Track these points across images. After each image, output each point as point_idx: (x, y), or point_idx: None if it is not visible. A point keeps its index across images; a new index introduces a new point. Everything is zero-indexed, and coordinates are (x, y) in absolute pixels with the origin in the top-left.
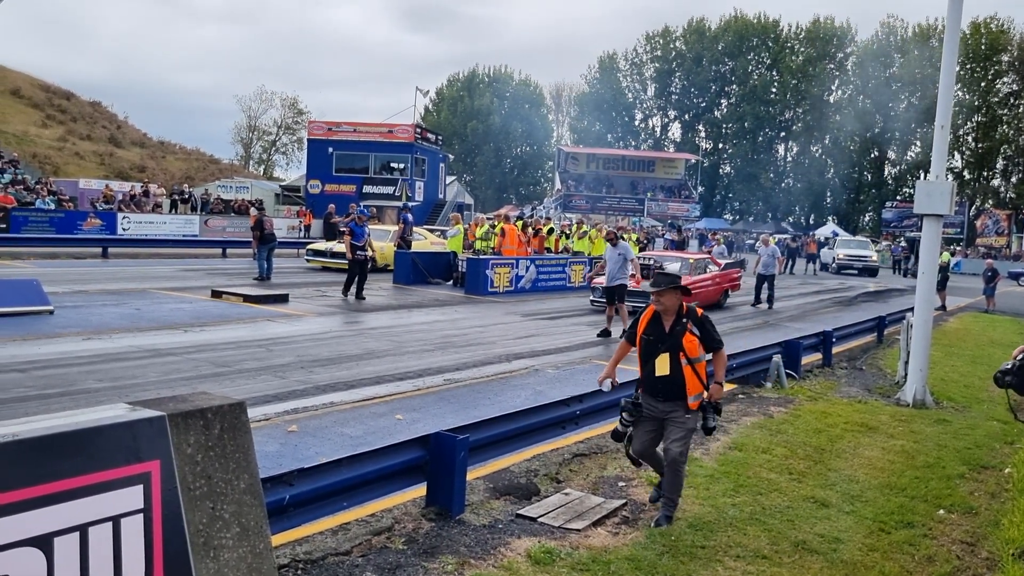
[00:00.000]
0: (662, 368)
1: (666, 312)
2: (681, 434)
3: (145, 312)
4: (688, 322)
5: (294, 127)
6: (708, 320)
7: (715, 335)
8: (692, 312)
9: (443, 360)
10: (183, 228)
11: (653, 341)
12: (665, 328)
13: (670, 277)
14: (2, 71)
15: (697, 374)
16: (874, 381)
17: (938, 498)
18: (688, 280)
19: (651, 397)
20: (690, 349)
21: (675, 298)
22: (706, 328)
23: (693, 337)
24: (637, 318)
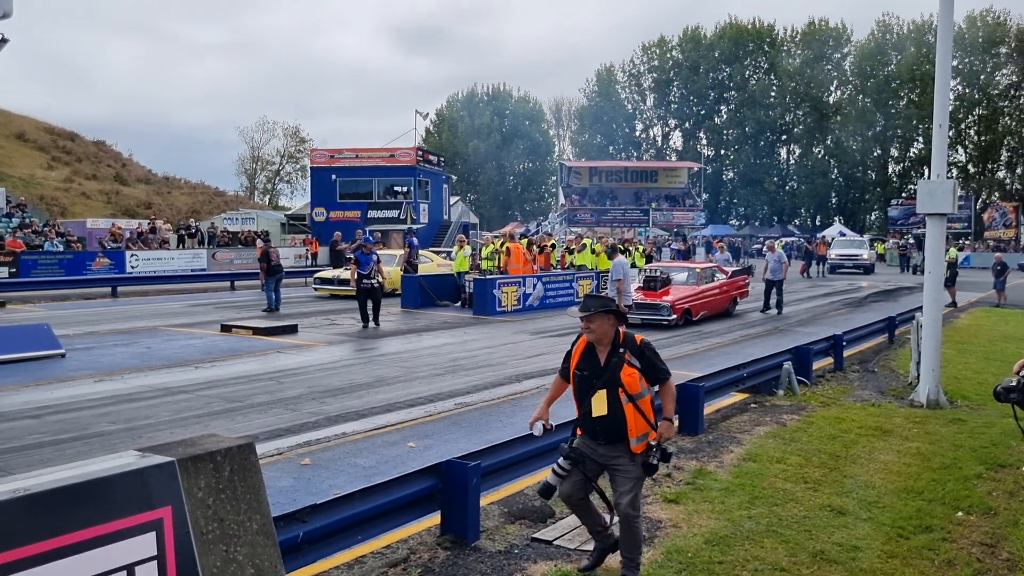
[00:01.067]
0: (599, 407)
1: (599, 342)
2: (628, 485)
3: (156, 350)
4: (626, 352)
5: (297, 155)
6: (649, 348)
7: (659, 364)
8: (630, 340)
9: (453, 384)
10: (191, 262)
11: (587, 376)
12: (600, 361)
13: (601, 300)
14: (6, 115)
15: (641, 412)
16: (887, 383)
17: (956, 500)
18: (695, 289)
19: (590, 440)
20: (629, 383)
21: (608, 324)
22: (647, 357)
23: (632, 369)
24: (569, 350)
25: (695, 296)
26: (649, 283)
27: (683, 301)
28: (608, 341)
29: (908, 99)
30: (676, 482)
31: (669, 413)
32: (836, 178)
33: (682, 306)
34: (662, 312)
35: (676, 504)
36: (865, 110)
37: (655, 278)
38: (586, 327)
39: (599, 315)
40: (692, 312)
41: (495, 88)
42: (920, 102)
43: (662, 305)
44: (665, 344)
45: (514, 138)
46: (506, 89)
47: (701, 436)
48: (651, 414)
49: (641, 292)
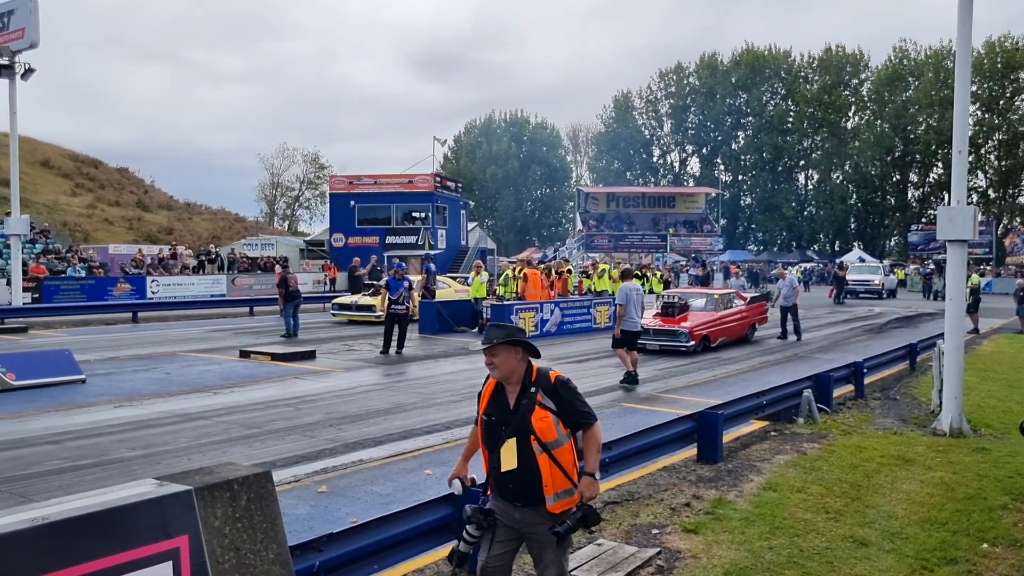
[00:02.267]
0: (508, 459)
1: (507, 380)
2: (550, 557)
3: (175, 376)
4: (538, 392)
5: (316, 181)
6: (567, 386)
7: (579, 405)
8: (544, 378)
9: (471, 410)
10: (211, 288)
11: (495, 422)
12: (509, 403)
13: (505, 329)
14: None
15: (558, 465)
16: (909, 411)
17: (981, 531)
18: (714, 315)
19: (503, 500)
20: (542, 430)
21: (514, 359)
22: (563, 397)
23: (545, 413)
24: (480, 391)
25: (713, 322)
26: (667, 309)
27: (701, 327)
28: (517, 379)
29: (927, 124)
30: (695, 512)
31: (591, 467)
32: (855, 203)
33: (700, 332)
34: (680, 338)
35: (695, 534)
36: (883, 135)
37: (673, 304)
38: (489, 362)
39: (503, 347)
40: (711, 338)
41: (512, 114)
42: (939, 127)
43: (680, 331)
44: (683, 371)
45: (531, 164)
46: (523, 115)
47: (720, 465)
48: (573, 467)
49: (659, 318)
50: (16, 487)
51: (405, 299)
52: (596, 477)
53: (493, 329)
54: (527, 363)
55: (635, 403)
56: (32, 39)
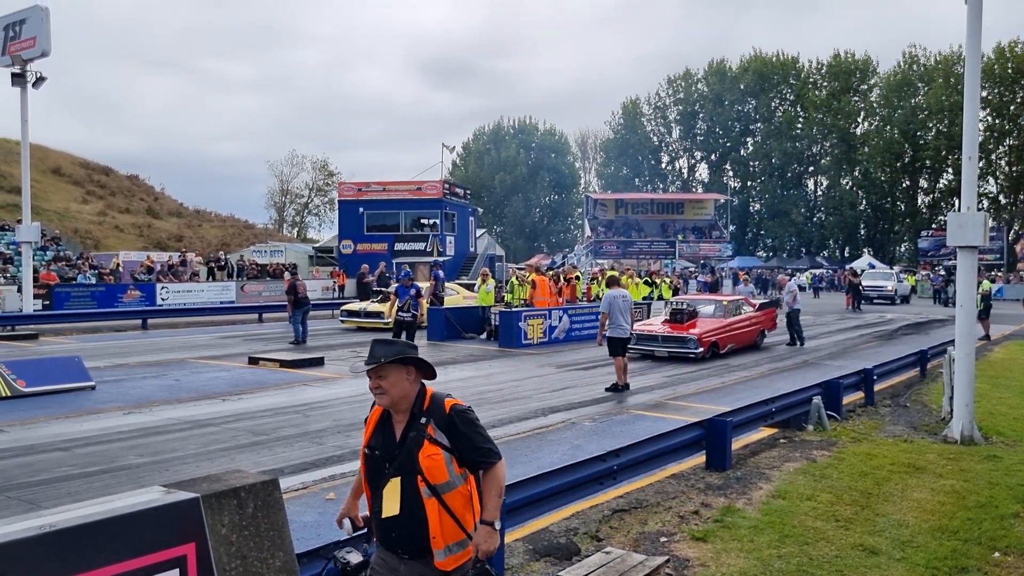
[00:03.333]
0: (390, 503)
1: (395, 407)
2: None
3: (184, 383)
4: (429, 424)
5: (325, 188)
6: (464, 416)
7: (478, 441)
8: (437, 406)
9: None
10: (220, 295)
11: (379, 458)
12: (396, 435)
13: (393, 346)
14: (43, 151)
15: (450, 512)
16: (919, 418)
17: (992, 540)
18: (723, 322)
19: (386, 551)
20: (431, 469)
21: (405, 381)
22: (459, 431)
23: (436, 449)
24: (365, 419)
25: (722, 329)
26: (676, 316)
27: (710, 334)
28: (407, 406)
29: (937, 130)
30: (704, 519)
31: (490, 515)
32: (864, 209)
33: (709, 339)
34: (689, 345)
35: (704, 542)
36: (893, 141)
37: (682, 311)
38: (375, 386)
39: (392, 367)
40: (719, 345)
41: (521, 121)
42: (949, 133)
43: (689, 338)
44: (691, 377)
45: (540, 171)
46: (532, 122)
47: (729, 472)
48: (468, 514)
49: (668, 325)
50: (25, 494)
51: (411, 306)
52: (496, 527)
53: (380, 346)
54: (420, 387)
55: (643, 410)
56: (43, 48)
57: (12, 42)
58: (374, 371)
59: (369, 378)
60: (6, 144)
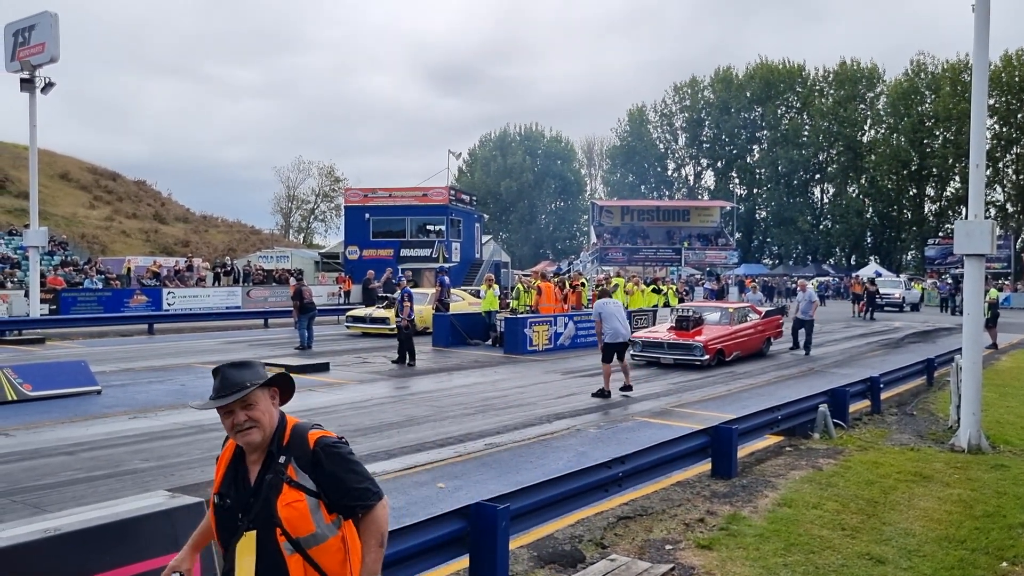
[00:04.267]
0: (245, 563)
1: (249, 447)
2: None
3: (189, 388)
4: (289, 464)
5: (331, 194)
6: (333, 452)
7: (351, 481)
8: (298, 440)
9: (484, 424)
10: (226, 300)
11: (230, 508)
12: (250, 479)
13: (252, 367)
14: (51, 156)
15: (319, 570)
16: (926, 427)
17: (1000, 549)
18: (728, 330)
19: None
20: (292, 519)
21: (271, 408)
22: (326, 471)
23: (298, 495)
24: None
25: (728, 336)
26: (681, 323)
27: (716, 341)
28: (261, 443)
29: (944, 138)
30: (709, 527)
31: (370, 571)
32: (871, 217)
33: (715, 346)
34: (695, 352)
35: (709, 550)
36: (900, 149)
37: (688, 318)
38: (243, 422)
39: (259, 393)
40: (725, 352)
41: (527, 128)
42: (956, 141)
43: (695, 345)
44: (697, 385)
45: (546, 177)
46: (538, 129)
47: (735, 480)
48: (344, 572)
49: (674, 332)
50: (30, 497)
51: (399, 311)
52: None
53: (237, 371)
54: (275, 413)
55: (649, 417)
56: (52, 53)
57: (21, 48)
58: (240, 402)
59: (227, 415)
60: (14, 149)
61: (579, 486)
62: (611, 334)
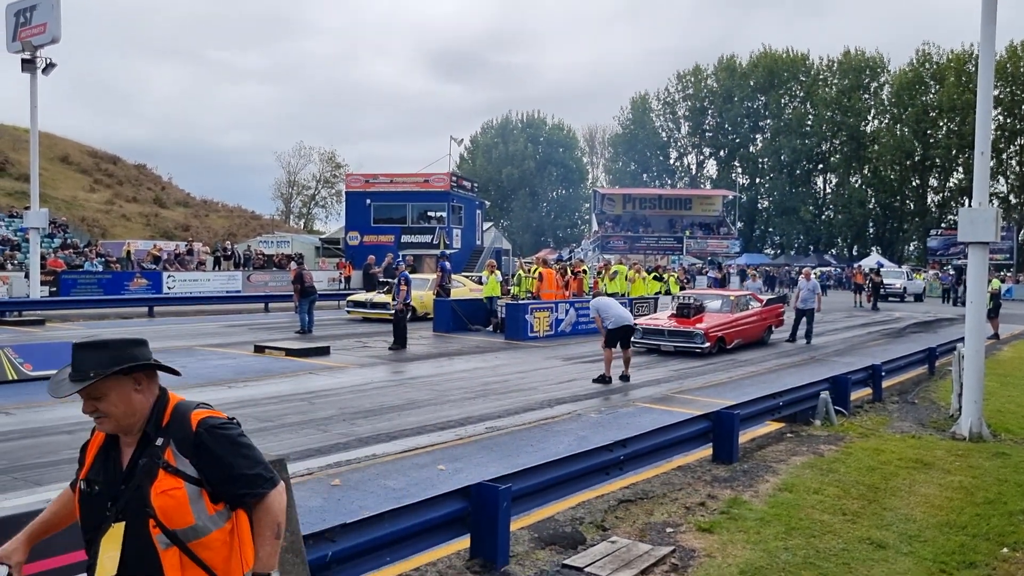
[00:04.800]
0: (108, 559)
1: (124, 429)
2: None
3: (190, 369)
4: (167, 447)
5: (332, 180)
6: (220, 433)
7: (239, 466)
8: (180, 421)
9: (484, 408)
10: (226, 284)
11: (98, 495)
12: (123, 462)
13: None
14: (51, 139)
15: (204, 567)
16: (927, 415)
17: (1001, 535)
18: (730, 317)
19: None
20: (168, 509)
21: (133, 394)
22: (211, 454)
23: (176, 481)
24: (84, 445)
25: (729, 324)
26: (683, 310)
27: (717, 329)
28: (134, 424)
29: (947, 129)
30: (710, 511)
31: (265, 566)
32: (874, 207)
33: (716, 334)
34: (695, 340)
35: (710, 533)
36: (903, 139)
37: (689, 305)
38: (91, 411)
39: (111, 381)
40: (726, 340)
41: (529, 115)
42: (960, 132)
43: (696, 333)
44: (699, 372)
45: (548, 165)
46: (540, 116)
47: (736, 465)
48: (233, 568)
49: (674, 319)
50: (31, 474)
51: (395, 296)
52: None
53: (87, 353)
54: (160, 396)
55: (650, 403)
56: (54, 34)
57: (23, 28)
58: (86, 391)
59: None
60: (14, 132)
61: (580, 468)
62: (615, 320)
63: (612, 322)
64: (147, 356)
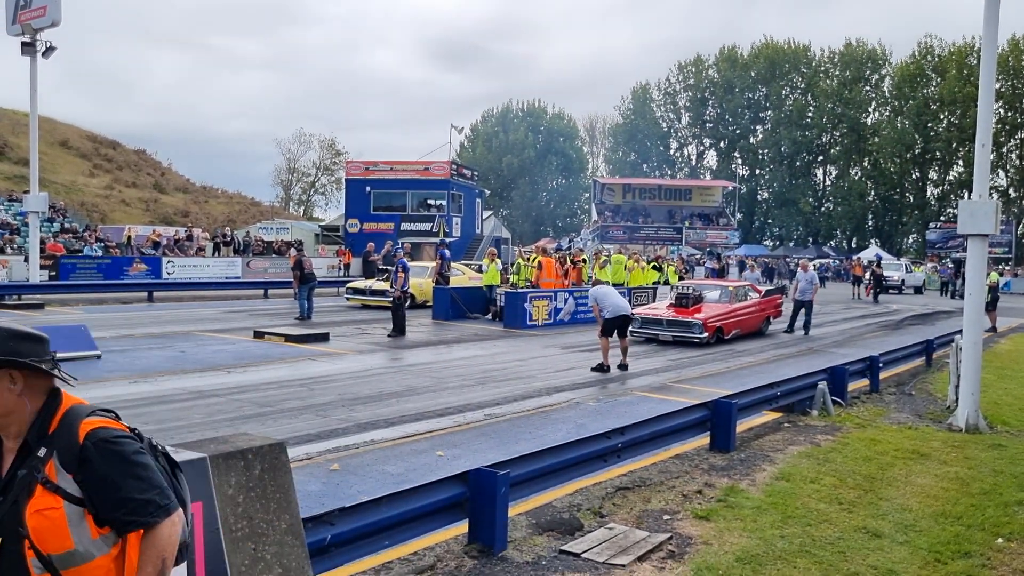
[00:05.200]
0: None
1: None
2: None
3: (189, 354)
4: (50, 459)
5: (332, 168)
6: (110, 449)
7: (127, 488)
8: (67, 430)
9: (483, 395)
10: (226, 270)
11: None
12: (1, 473)
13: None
14: (51, 123)
15: None
16: (924, 406)
17: (996, 526)
18: (728, 308)
19: None
20: (43, 531)
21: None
22: (96, 471)
23: (53, 500)
24: None
25: (727, 314)
26: (681, 300)
27: (715, 319)
28: (19, 429)
29: (948, 122)
30: (707, 499)
31: None
32: (873, 200)
33: (714, 324)
34: (693, 330)
35: (707, 521)
36: (904, 132)
37: (687, 295)
38: None
39: None
40: (724, 331)
41: (530, 104)
42: (961, 125)
43: (694, 323)
44: (697, 362)
45: (548, 154)
46: (541, 105)
47: (733, 454)
48: None
49: (673, 309)
50: None
51: (393, 283)
52: None
53: None
54: (49, 398)
55: (648, 392)
56: (54, 17)
57: (23, 11)
58: None
59: None
60: (13, 116)
61: (578, 456)
62: (612, 309)
63: (609, 311)
64: (34, 353)
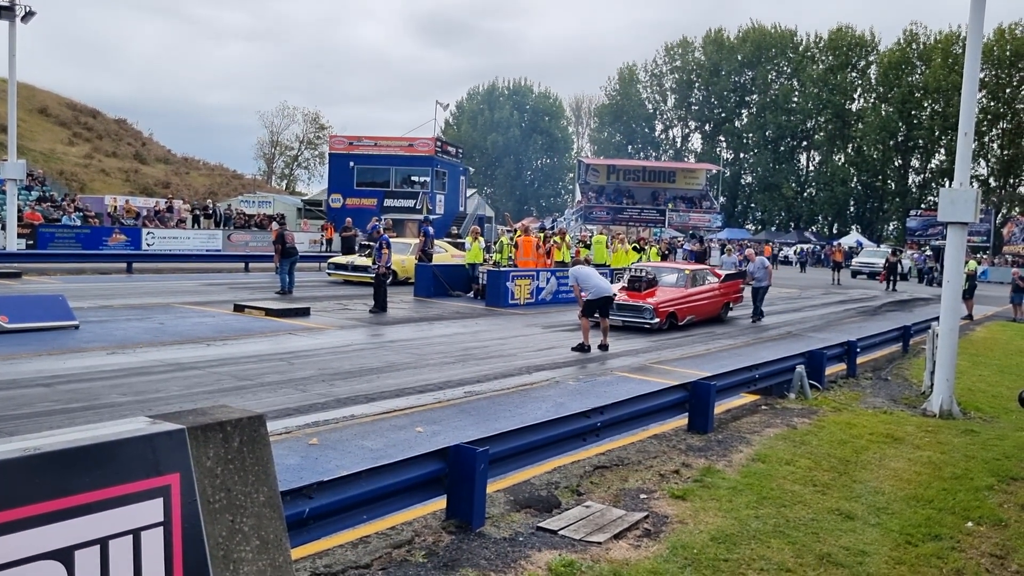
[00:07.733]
0: None
1: None
2: None
3: (168, 326)
4: None
5: (316, 142)
6: None
7: None
8: None
9: (464, 372)
10: (206, 243)
11: None
12: None
13: None
14: (30, 90)
15: None
16: (900, 391)
17: (966, 510)
18: (683, 292)
19: None
20: None
21: None
22: None
23: None
24: None
25: (682, 299)
26: (634, 283)
27: (668, 304)
28: None
29: (932, 110)
30: (684, 479)
31: None
32: (855, 186)
33: (666, 309)
34: (644, 315)
35: (683, 500)
36: (888, 119)
37: (640, 278)
38: None
39: None
40: (678, 316)
41: (516, 83)
42: (944, 113)
43: (644, 307)
44: (676, 343)
45: (533, 133)
46: (527, 84)
47: (710, 435)
48: None
49: (625, 292)
50: (6, 426)
51: (376, 259)
52: None
53: None
54: None
55: (627, 372)
56: None
57: None
58: None
59: None
60: None
61: (557, 434)
62: (595, 291)
63: (592, 292)
64: None
